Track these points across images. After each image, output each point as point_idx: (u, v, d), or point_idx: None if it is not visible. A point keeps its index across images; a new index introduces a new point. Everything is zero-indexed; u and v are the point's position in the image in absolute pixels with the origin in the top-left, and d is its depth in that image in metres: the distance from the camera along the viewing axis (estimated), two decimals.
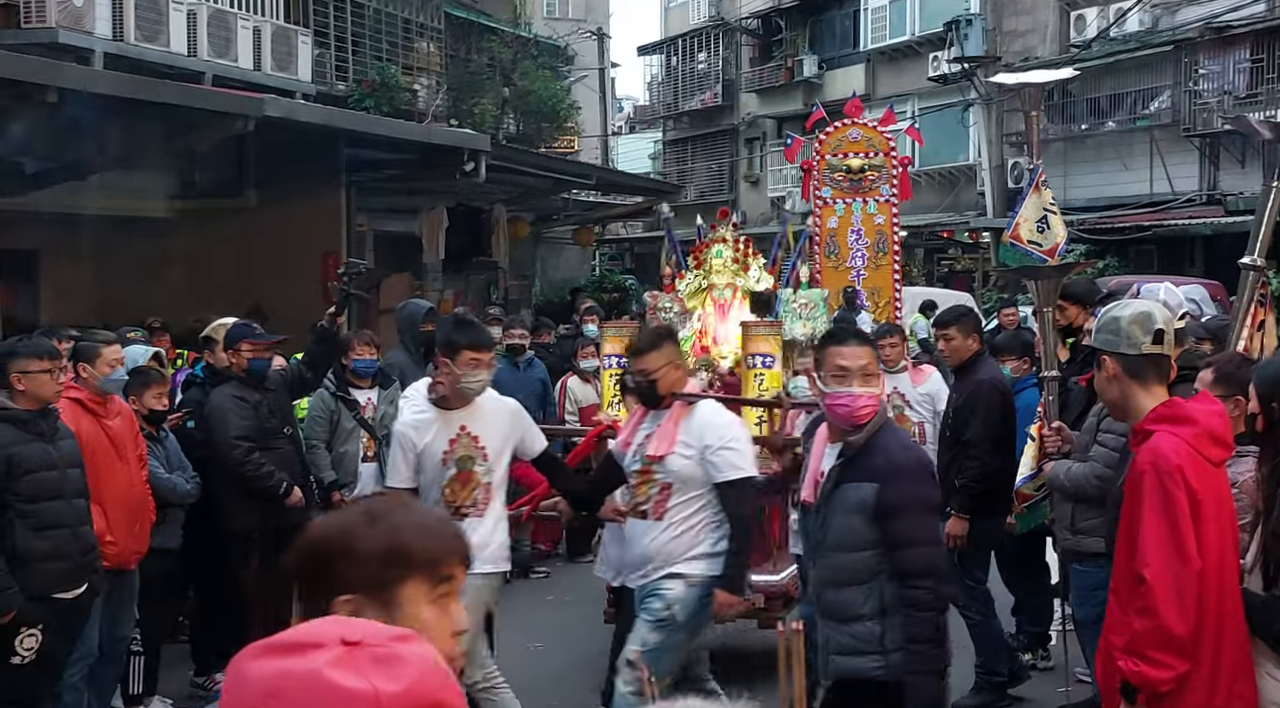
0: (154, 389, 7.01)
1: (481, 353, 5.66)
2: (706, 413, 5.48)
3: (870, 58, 31.15)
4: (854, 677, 4.36)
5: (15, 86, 10.14)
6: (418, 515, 1.97)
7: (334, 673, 1.28)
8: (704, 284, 8.45)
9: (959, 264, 30.54)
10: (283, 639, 1.34)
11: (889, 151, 13.45)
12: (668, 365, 5.49)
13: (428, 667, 1.34)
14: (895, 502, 4.26)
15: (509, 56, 25.28)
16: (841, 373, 4.38)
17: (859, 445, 4.35)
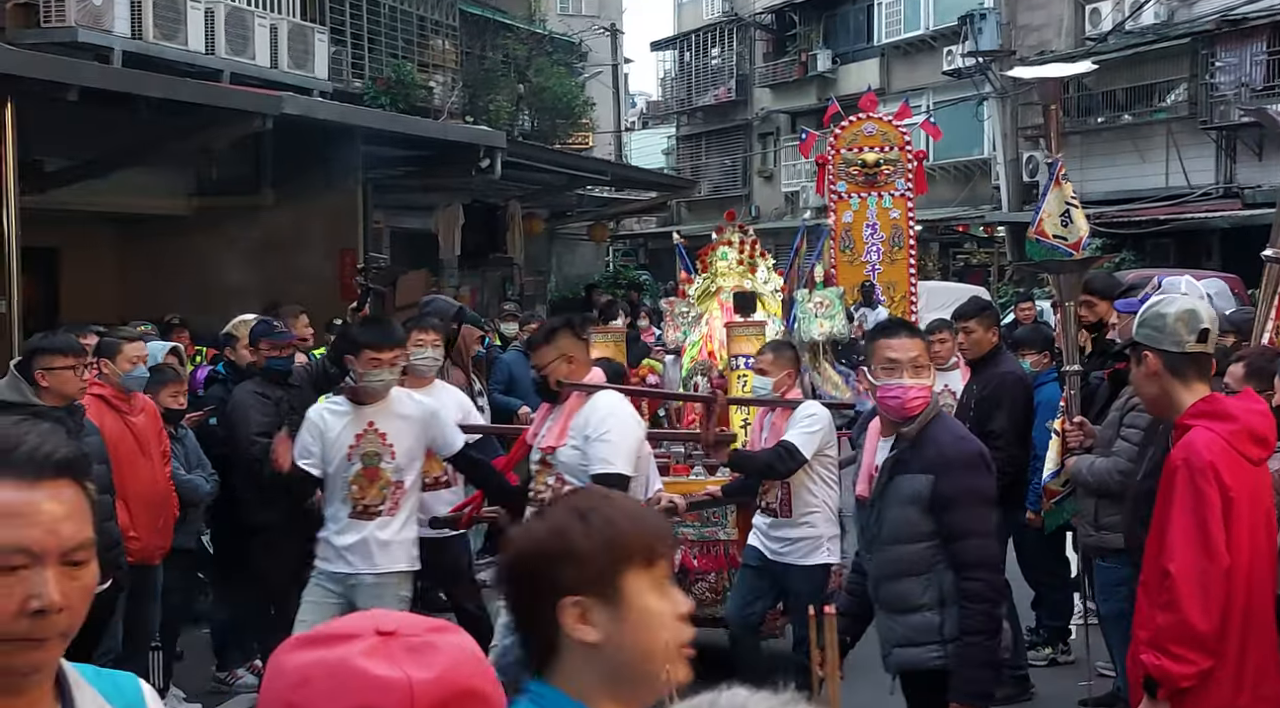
0: (170, 388, 7.03)
1: (382, 352, 5.56)
2: (597, 402, 5.30)
3: (884, 52, 31.11)
4: (915, 668, 4.36)
5: (36, 85, 10.19)
6: (622, 505, 1.95)
7: (365, 662, 1.28)
8: (712, 287, 8.34)
9: (974, 258, 30.48)
10: (320, 632, 1.35)
11: (904, 146, 13.40)
12: (558, 359, 5.36)
13: (462, 655, 1.34)
14: (950, 493, 4.24)
15: (524, 53, 25.33)
16: (892, 365, 4.36)
17: (912, 437, 4.34)
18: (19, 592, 1.57)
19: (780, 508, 6.25)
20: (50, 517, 1.60)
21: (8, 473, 1.59)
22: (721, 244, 8.36)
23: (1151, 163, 23.96)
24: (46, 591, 1.58)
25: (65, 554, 1.61)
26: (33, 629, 1.58)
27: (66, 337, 6.22)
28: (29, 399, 5.70)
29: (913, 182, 13.53)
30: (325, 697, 1.28)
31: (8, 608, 1.57)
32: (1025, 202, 26.02)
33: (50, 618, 1.58)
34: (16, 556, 1.57)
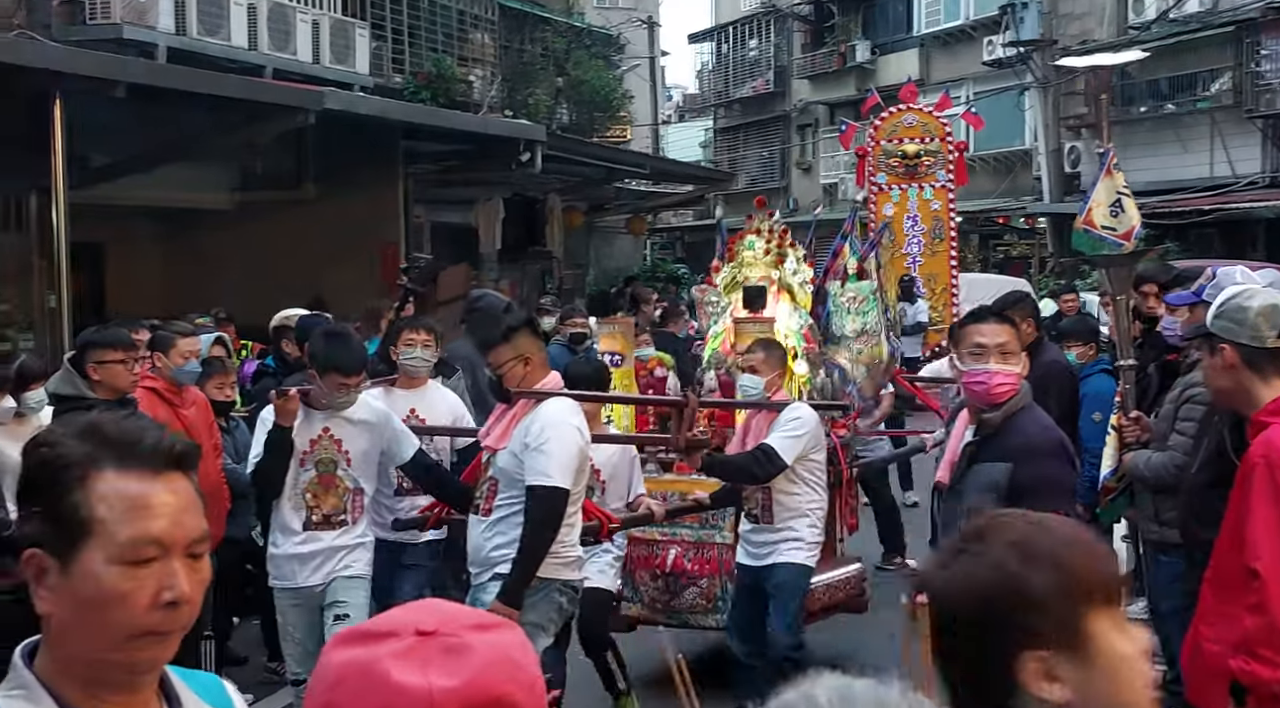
0: (216, 379, 7.08)
1: (350, 378, 5.39)
2: (543, 410, 5.04)
3: (924, 42, 30.94)
4: None
5: (84, 82, 10.28)
6: (1059, 531, 1.73)
7: (391, 665, 1.24)
8: (739, 277, 7.89)
9: (1015, 250, 30.28)
10: (365, 628, 1.31)
11: (945, 137, 13.28)
12: (515, 360, 5.14)
13: (497, 657, 1.27)
14: (1028, 482, 4.13)
15: (562, 46, 25.34)
16: (979, 350, 4.32)
17: (995, 425, 4.29)
18: (151, 584, 1.58)
19: (761, 514, 6.06)
20: (174, 508, 1.61)
21: (133, 465, 1.60)
22: (749, 233, 7.95)
23: (1194, 153, 23.73)
24: (178, 582, 1.59)
25: (189, 546, 1.62)
26: (164, 622, 1.58)
27: (117, 330, 6.28)
28: (82, 392, 5.76)
29: (953, 173, 13.41)
30: (353, 699, 1.25)
31: (141, 601, 1.57)
32: (1067, 193, 25.83)
33: (180, 610, 1.59)
34: (149, 547, 1.58)
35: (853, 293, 7.97)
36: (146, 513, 1.58)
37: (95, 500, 1.58)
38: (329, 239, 15.06)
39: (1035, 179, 27.62)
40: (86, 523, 1.57)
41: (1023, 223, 28.77)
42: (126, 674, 1.62)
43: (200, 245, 15.83)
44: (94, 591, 1.57)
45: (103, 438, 1.61)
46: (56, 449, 1.61)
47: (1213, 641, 3.59)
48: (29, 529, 1.62)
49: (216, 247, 15.65)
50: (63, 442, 1.62)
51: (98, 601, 1.57)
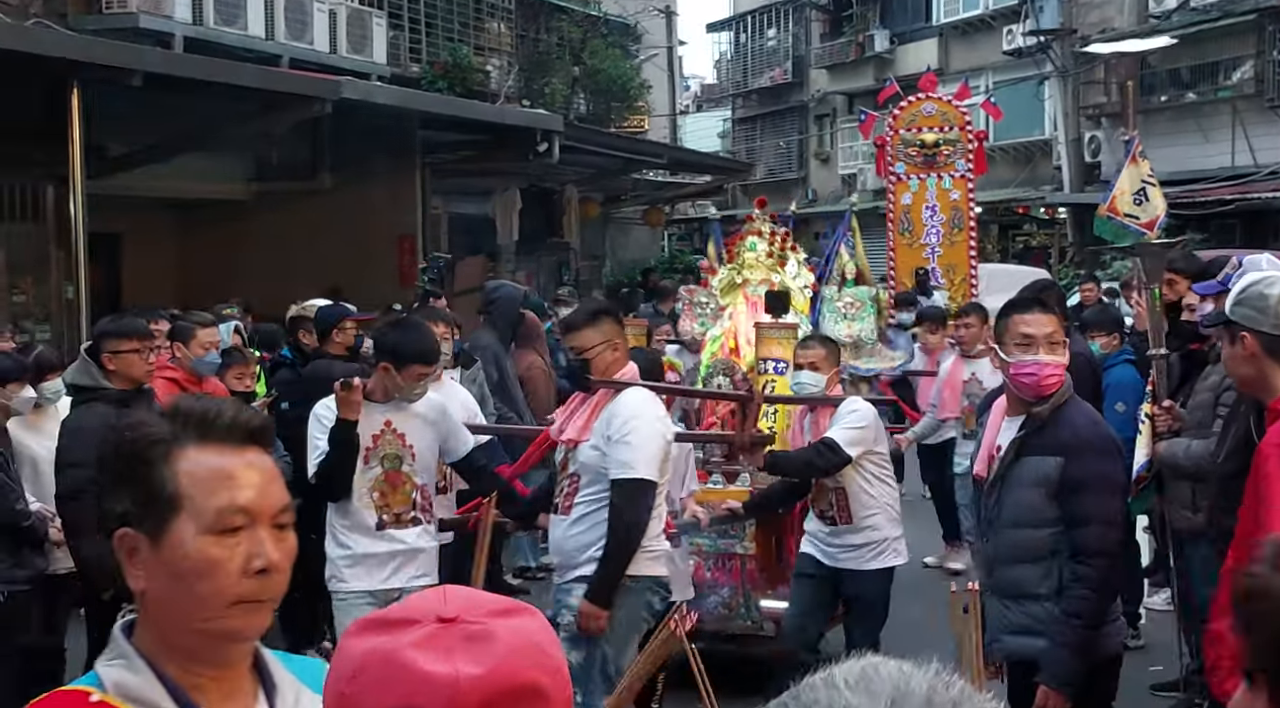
0: (235, 369, 7.08)
1: (431, 367, 5.22)
2: (624, 400, 4.85)
3: (943, 32, 30.77)
4: (1025, 657, 4.21)
5: (101, 71, 10.27)
6: None
7: (414, 653, 1.21)
8: (738, 279, 7.71)
9: (1035, 240, 30.14)
10: (384, 615, 1.28)
11: (964, 126, 13.19)
12: (603, 345, 4.90)
13: (522, 644, 1.25)
14: (1080, 477, 4.10)
15: (579, 36, 25.27)
16: (1026, 341, 4.20)
17: (1043, 418, 4.19)
18: (240, 553, 1.63)
19: (838, 515, 5.93)
20: (257, 479, 1.66)
21: (211, 439, 1.66)
22: (751, 234, 7.74)
23: (1215, 142, 23.57)
24: (266, 549, 1.64)
25: (274, 516, 1.67)
26: (256, 590, 1.63)
27: (132, 320, 6.26)
28: (99, 382, 5.74)
29: (973, 162, 13.31)
30: (374, 689, 1.22)
31: (232, 569, 1.62)
32: (1087, 182, 25.70)
33: (271, 578, 1.64)
34: (236, 516, 1.63)
35: (849, 298, 7.76)
36: (231, 483, 1.64)
37: (181, 475, 1.64)
38: (346, 230, 15.05)
39: (1055, 169, 27.47)
40: (174, 498, 1.63)
41: (1043, 213, 28.62)
42: (221, 645, 1.67)
43: (217, 236, 15.84)
44: (186, 562, 1.62)
45: (183, 417, 1.68)
46: (139, 430, 1.67)
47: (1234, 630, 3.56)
48: (117, 509, 1.67)
49: (233, 237, 15.66)
50: (145, 423, 1.69)
51: (190, 571, 1.62)
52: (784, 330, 6.92)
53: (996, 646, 4.25)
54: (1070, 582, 4.10)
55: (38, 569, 5.85)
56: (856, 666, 1.04)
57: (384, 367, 5.13)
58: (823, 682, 1.02)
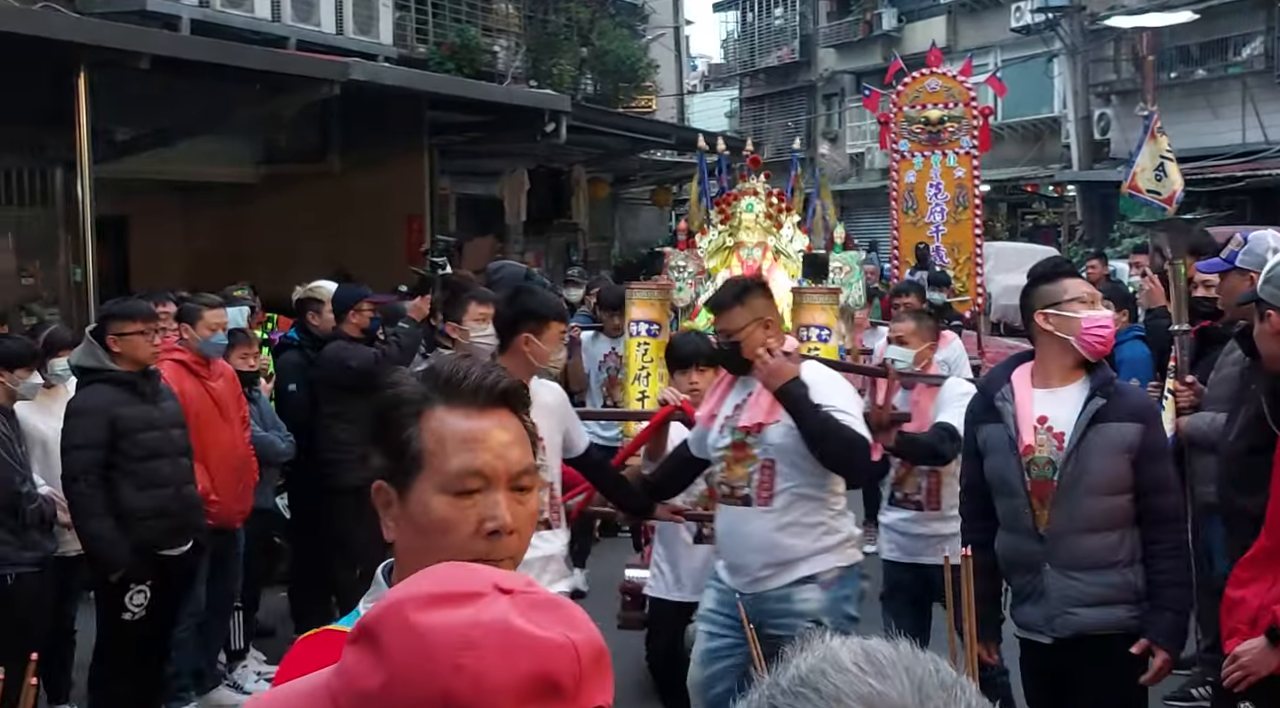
0: (240, 350, 7.10)
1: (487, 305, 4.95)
2: (810, 374, 4.50)
3: (951, 9, 30.68)
4: (1105, 630, 4.10)
5: (108, 54, 10.25)
6: None
7: (522, 622, 1.18)
8: (730, 241, 7.34)
9: (1043, 218, 30.08)
10: (443, 590, 1.21)
11: (969, 102, 12.98)
12: (754, 323, 4.53)
13: (580, 615, 1.24)
14: (1159, 444, 4.18)
15: (586, 16, 25.17)
16: (1091, 298, 4.20)
17: (1113, 382, 4.20)
18: (473, 515, 1.70)
19: (926, 499, 5.67)
20: (498, 442, 1.72)
21: (458, 401, 1.74)
22: (746, 194, 7.36)
23: (1225, 119, 23.48)
24: (500, 512, 1.69)
25: (513, 479, 1.72)
26: (490, 551, 1.68)
27: (137, 302, 6.28)
28: (104, 364, 5.76)
29: (978, 139, 13.12)
30: (501, 660, 1.15)
31: (465, 529, 1.69)
32: (1096, 160, 25.62)
33: (503, 540, 1.70)
34: (472, 479, 1.70)
35: (838, 263, 7.43)
36: (470, 446, 1.71)
37: (426, 435, 1.71)
38: (353, 211, 15.03)
39: (1064, 147, 27.39)
40: (419, 456, 1.71)
41: (1051, 191, 28.55)
42: None
43: (224, 219, 15.83)
44: (425, 519, 1.70)
45: (435, 378, 1.76)
46: (397, 390, 1.77)
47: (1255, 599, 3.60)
48: (377, 464, 1.77)
49: (241, 220, 15.65)
50: (404, 383, 1.79)
51: (429, 528, 1.70)
52: (826, 296, 6.60)
53: (1062, 620, 4.13)
54: (1165, 552, 4.10)
55: (45, 551, 5.88)
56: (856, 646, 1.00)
57: (525, 338, 4.60)
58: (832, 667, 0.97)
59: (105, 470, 5.69)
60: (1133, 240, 19.72)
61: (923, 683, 0.95)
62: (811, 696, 0.96)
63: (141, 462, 5.76)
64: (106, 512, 5.66)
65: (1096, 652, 4.11)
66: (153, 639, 5.93)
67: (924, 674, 0.96)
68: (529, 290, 5.17)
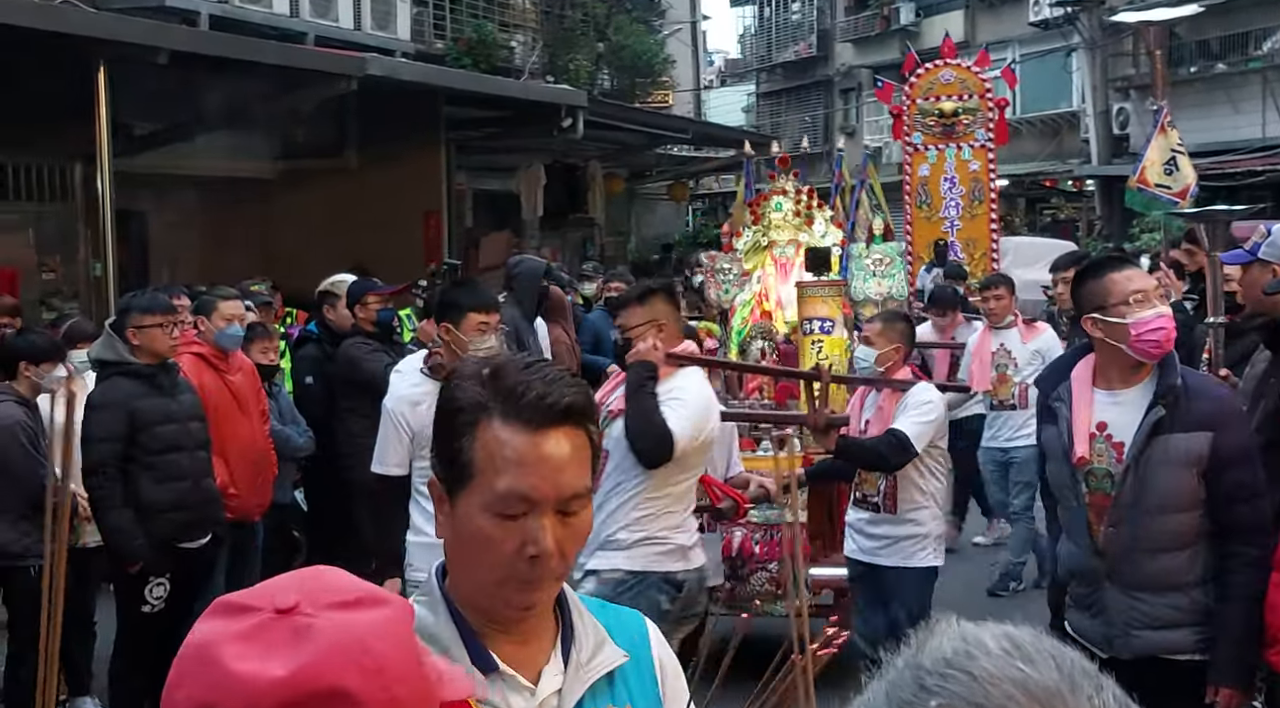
0: (260, 344, 7.13)
1: (489, 315, 4.95)
2: (679, 380, 4.71)
3: (969, 3, 30.58)
4: (1173, 654, 3.79)
5: (128, 49, 10.29)
6: None
7: (228, 647, 1.16)
8: (764, 241, 7.58)
9: (1062, 213, 29.98)
10: (236, 599, 1.23)
11: (984, 93, 12.73)
12: (648, 324, 4.73)
13: (341, 643, 1.17)
14: (1233, 451, 3.70)
15: (603, 11, 25.16)
16: (1142, 296, 3.72)
17: (1180, 389, 3.71)
18: (516, 537, 1.64)
19: (883, 502, 5.67)
20: (550, 466, 1.65)
21: (515, 417, 1.66)
22: (775, 194, 7.63)
23: (1246, 113, 23.35)
24: (541, 539, 1.63)
25: (561, 502, 1.66)
26: (529, 572, 1.65)
27: (156, 295, 6.30)
28: (123, 357, 5.78)
29: (994, 131, 12.83)
30: (185, 680, 1.18)
31: (506, 549, 1.64)
32: (1115, 155, 25.49)
33: (544, 564, 1.65)
34: (518, 502, 1.64)
35: (878, 255, 7.72)
36: (520, 470, 1.64)
37: (478, 448, 1.65)
38: (371, 207, 15.06)
39: (1083, 141, 27.28)
40: (468, 468, 1.66)
41: (1070, 186, 28.44)
42: (498, 608, 1.70)
43: (243, 214, 15.87)
44: (468, 532, 1.66)
45: (497, 387, 1.67)
46: (456, 392, 1.71)
47: None
48: (435, 460, 1.74)
49: (259, 215, 15.69)
50: (463, 385, 1.70)
51: (470, 541, 1.67)
52: (828, 288, 6.75)
53: (1123, 641, 3.82)
54: (1238, 566, 3.71)
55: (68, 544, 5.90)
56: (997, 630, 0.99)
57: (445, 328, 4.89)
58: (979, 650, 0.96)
59: (124, 463, 5.72)
60: (1152, 235, 19.63)
61: (1071, 669, 0.95)
62: (963, 678, 0.95)
63: (160, 455, 5.79)
64: (125, 504, 5.69)
65: (1158, 675, 3.72)
66: (171, 632, 5.94)
67: (1070, 661, 0.96)
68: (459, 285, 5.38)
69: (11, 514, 5.84)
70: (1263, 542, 3.73)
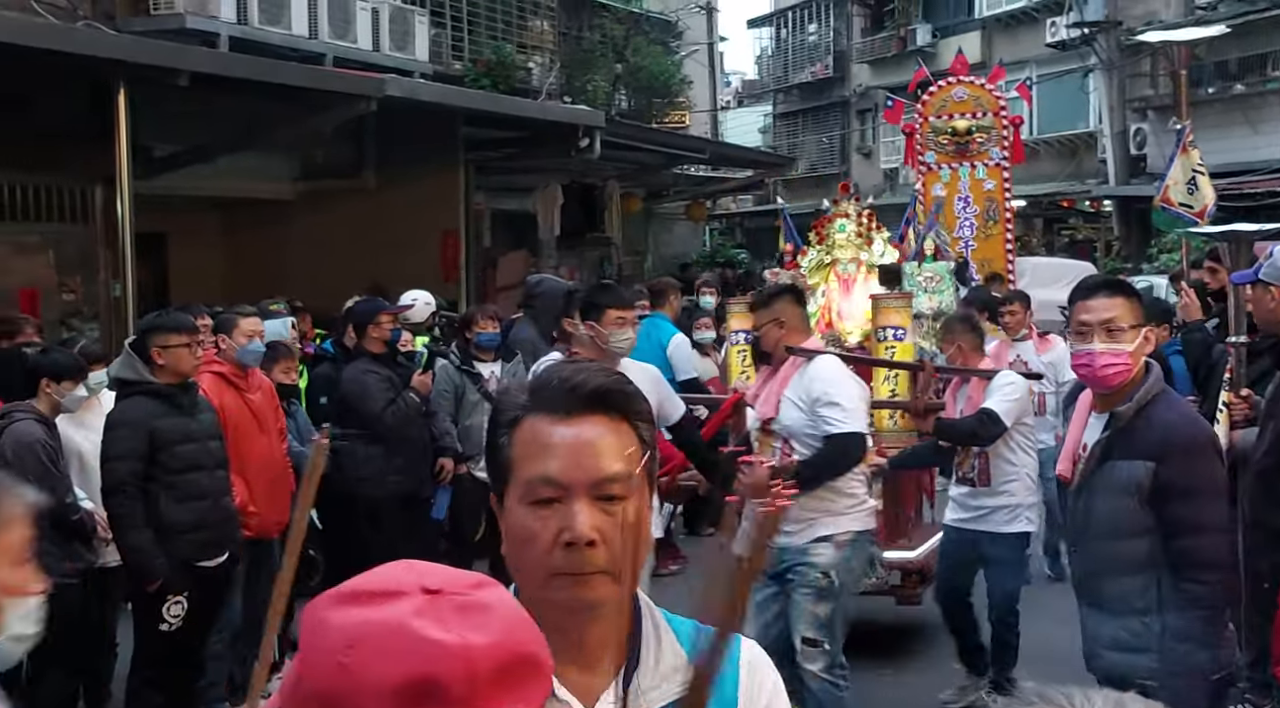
0: (282, 364, 7.16)
1: (626, 311, 5.63)
2: (820, 367, 5.39)
3: (985, 24, 30.59)
4: (1128, 677, 3.67)
5: (148, 71, 10.36)
6: None
7: (419, 622, 1.16)
8: (827, 259, 8.30)
9: (1080, 233, 29.90)
10: (361, 587, 1.21)
11: (998, 111, 12.51)
12: (770, 323, 5.46)
13: (516, 616, 1.22)
14: (1178, 482, 3.68)
15: (621, 33, 25.27)
16: (1083, 328, 3.79)
17: (1129, 416, 3.76)
18: (552, 525, 1.61)
19: (978, 477, 6.40)
20: (578, 449, 1.63)
21: (544, 408, 1.66)
22: (838, 216, 8.36)
23: (1265, 134, 23.30)
24: (575, 523, 1.59)
25: (593, 486, 1.62)
26: (569, 564, 1.60)
27: (181, 315, 6.33)
28: (143, 376, 5.80)
29: (1009, 150, 12.64)
30: (378, 661, 1.16)
31: (544, 540, 1.61)
32: (1133, 175, 25.45)
33: (584, 552, 1.60)
34: (544, 487, 1.62)
35: (929, 272, 8.30)
36: (544, 453, 1.63)
37: (516, 444, 1.66)
38: (389, 227, 15.11)
39: (1100, 162, 27.24)
40: (508, 465, 1.66)
41: (1088, 206, 28.37)
42: (558, 614, 1.62)
43: (262, 235, 15.94)
44: (513, 530, 1.64)
45: (533, 387, 1.70)
46: (502, 400, 1.74)
47: None
48: (492, 478, 1.72)
49: (278, 235, 15.76)
50: (508, 392, 1.74)
51: (515, 539, 1.64)
52: (899, 300, 7.48)
53: (1096, 662, 3.92)
54: (1182, 603, 3.71)
55: (86, 562, 5.92)
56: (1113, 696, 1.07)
57: (589, 325, 5.63)
58: None
59: (144, 482, 5.74)
60: (1171, 256, 19.56)
61: None
62: None
63: (179, 474, 5.80)
64: (145, 523, 5.70)
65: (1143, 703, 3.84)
66: (189, 650, 5.96)
67: None
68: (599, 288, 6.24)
69: None
70: (1210, 579, 3.71)
